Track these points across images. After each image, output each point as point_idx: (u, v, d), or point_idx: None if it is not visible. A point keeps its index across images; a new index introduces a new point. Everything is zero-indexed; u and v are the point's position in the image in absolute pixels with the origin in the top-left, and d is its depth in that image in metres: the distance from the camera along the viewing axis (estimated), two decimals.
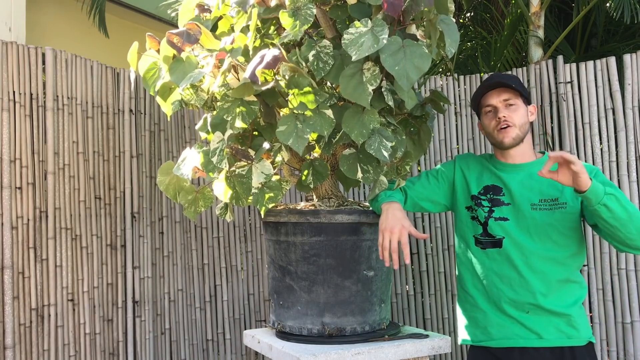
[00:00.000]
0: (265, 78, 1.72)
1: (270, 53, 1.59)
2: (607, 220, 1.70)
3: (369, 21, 1.62)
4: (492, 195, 1.97)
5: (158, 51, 1.82)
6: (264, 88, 1.66)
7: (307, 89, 1.68)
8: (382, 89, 1.76)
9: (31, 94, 2.68)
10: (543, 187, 1.92)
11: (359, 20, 1.64)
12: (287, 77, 1.70)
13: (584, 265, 2.99)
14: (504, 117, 1.91)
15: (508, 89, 1.94)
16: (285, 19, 1.64)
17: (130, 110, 3.04)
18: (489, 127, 1.96)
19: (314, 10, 1.64)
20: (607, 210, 1.69)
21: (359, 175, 1.84)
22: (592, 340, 1.90)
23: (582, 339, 1.88)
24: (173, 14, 4.06)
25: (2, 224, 2.56)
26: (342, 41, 1.61)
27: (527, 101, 1.97)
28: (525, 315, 1.89)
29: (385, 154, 1.77)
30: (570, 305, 1.89)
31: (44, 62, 2.73)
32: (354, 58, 1.59)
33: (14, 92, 2.62)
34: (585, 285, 1.97)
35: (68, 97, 2.81)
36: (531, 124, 1.98)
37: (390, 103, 1.74)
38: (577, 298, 1.92)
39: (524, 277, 1.88)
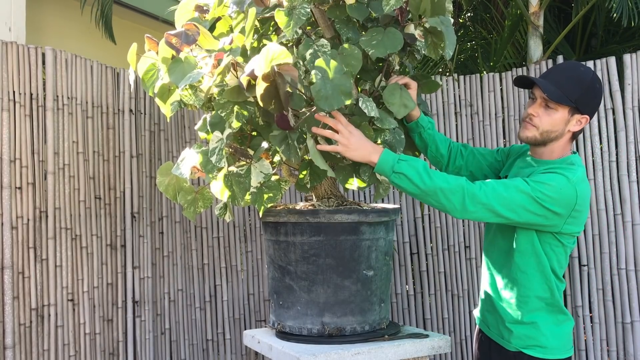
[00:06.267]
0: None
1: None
2: (405, 192, 1.76)
3: None
4: None
5: (157, 52, 1.82)
6: (255, 94, 1.66)
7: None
8: (360, 102, 1.74)
9: (31, 94, 2.68)
10: None
11: (357, 20, 1.64)
12: None
13: (584, 265, 3.00)
14: (532, 115, 1.80)
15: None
16: (280, 17, 1.64)
17: (130, 110, 3.05)
18: (524, 112, 1.87)
19: (309, 10, 1.64)
20: (399, 187, 1.73)
21: (355, 185, 1.85)
22: (525, 352, 1.79)
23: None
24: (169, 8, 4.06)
25: (2, 224, 2.56)
26: None
27: (579, 110, 1.78)
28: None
29: (380, 178, 1.82)
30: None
31: (44, 62, 2.74)
32: (294, 161, 1.70)
33: (14, 92, 2.62)
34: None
35: (68, 97, 2.81)
36: (574, 134, 1.82)
37: (374, 113, 1.74)
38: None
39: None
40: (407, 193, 1.75)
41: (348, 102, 1.63)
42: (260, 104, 1.56)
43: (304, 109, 1.70)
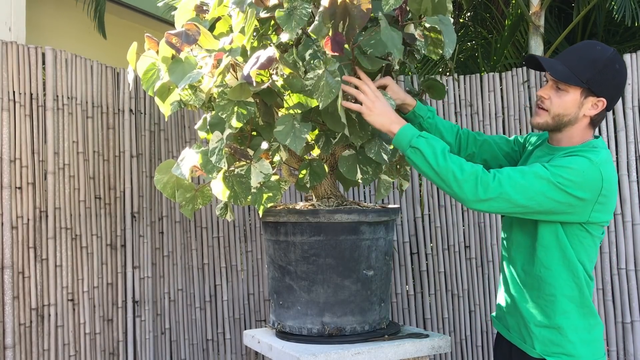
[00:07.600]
0: (261, 79, 1.72)
1: (264, 54, 1.59)
2: (419, 171, 1.66)
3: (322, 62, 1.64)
4: None
5: (157, 52, 1.82)
6: (262, 87, 1.66)
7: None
8: None
9: (31, 94, 2.68)
10: None
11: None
12: (283, 77, 1.71)
13: None
14: (542, 97, 1.69)
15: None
16: (281, 18, 1.64)
17: (130, 110, 3.05)
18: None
19: (310, 10, 1.64)
20: (413, 163, 1.64)
21: (359, 176, 1.84)
22: None
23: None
24: (172, 13, 4.08)
25: (2, 224, 2.56)
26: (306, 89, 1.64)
27: (593, 91, 1.64)
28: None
29: (385, 157, 1.80)
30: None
31: (44, 62, 2.74)
32: (321, 107, 1.63)
33: (14, 92, 2.63)
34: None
35: (68, 97, 2.81)
36: (592, 119, 1.67)
37: None
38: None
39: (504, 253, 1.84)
40: (421, 172, 1.64)
41: (398, 57, 1.64)
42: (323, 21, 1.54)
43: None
